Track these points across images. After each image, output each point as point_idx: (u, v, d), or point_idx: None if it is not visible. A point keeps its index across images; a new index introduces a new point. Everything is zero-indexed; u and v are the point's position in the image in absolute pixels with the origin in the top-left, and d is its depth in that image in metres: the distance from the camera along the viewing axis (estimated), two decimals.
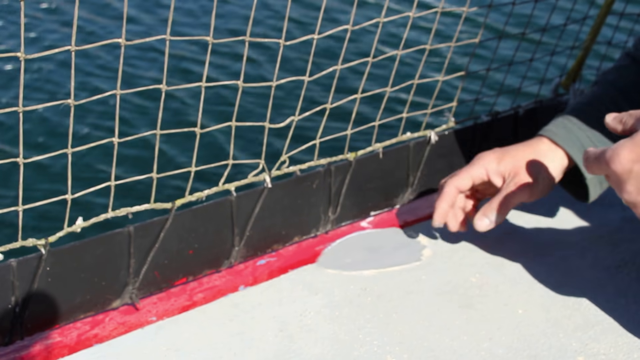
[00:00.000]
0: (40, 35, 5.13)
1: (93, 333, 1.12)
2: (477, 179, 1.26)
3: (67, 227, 1.10)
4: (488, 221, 1.23)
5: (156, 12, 5.56)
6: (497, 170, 1.26)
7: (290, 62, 4.84)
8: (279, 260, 1.29)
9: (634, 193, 0.97)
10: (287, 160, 1.27)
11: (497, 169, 1.26)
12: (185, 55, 4.94)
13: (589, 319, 1.16)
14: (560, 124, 1.29)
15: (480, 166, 1.27)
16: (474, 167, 1.27)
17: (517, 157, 1.26)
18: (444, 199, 1.27)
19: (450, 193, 1.27)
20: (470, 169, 1.27)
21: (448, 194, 1.27)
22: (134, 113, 4.30)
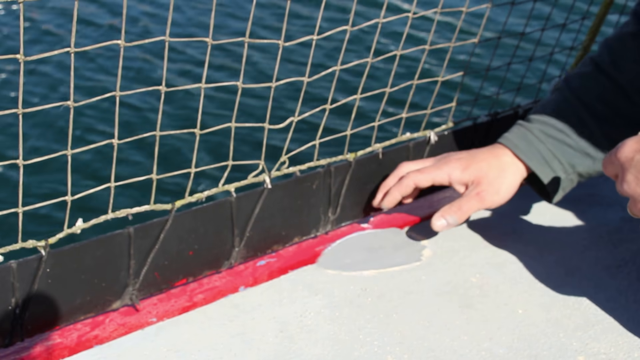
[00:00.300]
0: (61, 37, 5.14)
1: (93, 334, 1.12)
2: (437, 182, 1.32)
3: (67, 228, 1.10)
4: (445, 222, 1.28)
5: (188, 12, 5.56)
6: (461, 179, 1.31)
7: (293, 62, 4.84)
8: (279, 260, 1.29)
9: (632, 183, 0.99)
10: (287, 161, 1.27)
11: (460, 178, 1.31)
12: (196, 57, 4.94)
13: (589, 318, 1.16)
14: (523, 135, 1.33)
15: (444, 172, 1.32)
16: (437, 171, 1.32)
17: (481, 167, 1.31)
18: (400, 189, 1.33)
19: (408, 186, 1.33)
20: (434, 171, 1.32)
21: (405, 186, 1.33)
22: (137, 114, 4.30)
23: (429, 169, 1.33)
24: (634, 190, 0.99)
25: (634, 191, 0.99)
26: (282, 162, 1.27)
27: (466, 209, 1.28)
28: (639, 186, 0.98)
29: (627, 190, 1.00)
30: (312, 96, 4.39)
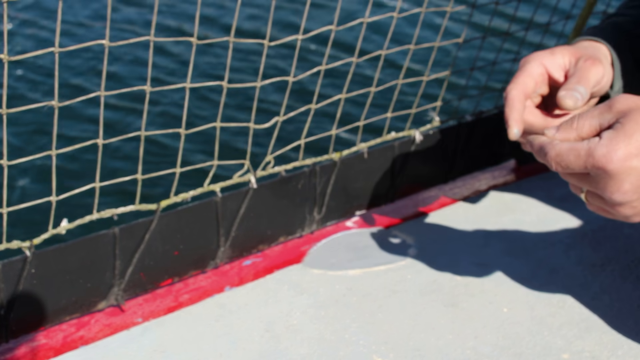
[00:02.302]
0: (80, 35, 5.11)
1: (79, 335, 1.12)
2: (537, 75, 1.11)
3: (51, 229, 1.10)
4: (578, 96, 1.06)
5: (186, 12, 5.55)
6: (554, 62, 1.12)
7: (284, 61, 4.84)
8: (264, 260, 1.29)
9: (629, 192, 0.90)
10: (272, 161, 1.27)
11: (553, 60, 1.12)
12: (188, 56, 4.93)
13: (573, 316, 1.17)
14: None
15: (534, 61, 1.12)
16: (529, 66, 1.12)
17: (570, 47, 1.14)
18: (513, 105, 1.09)
19: (518, 98, 1.09)
20: (526, 68, 1.12)
21: (515, 99, 1.09)
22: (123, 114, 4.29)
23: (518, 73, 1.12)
24: (631, 198, 0.90)
25: (631, 198, 0.90)
26: (267, 162, 1.27)
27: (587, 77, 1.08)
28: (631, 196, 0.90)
29: (623, 199, 0.91)
30: (298, 96, 4.39)
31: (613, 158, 0.89)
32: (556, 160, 0.94)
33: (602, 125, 0.93)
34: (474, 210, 1.43)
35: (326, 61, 1.27)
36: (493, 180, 1.54)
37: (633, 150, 0.88)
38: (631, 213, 0.93)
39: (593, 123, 0.94)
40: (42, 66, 4.73)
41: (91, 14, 5.43)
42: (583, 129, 0.94)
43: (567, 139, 0.95)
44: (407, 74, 4.05)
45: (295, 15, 5.50)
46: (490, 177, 1.55)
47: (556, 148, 0.94)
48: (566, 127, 0.96)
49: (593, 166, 0.90)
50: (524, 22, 4.92)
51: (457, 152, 1.50)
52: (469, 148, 1.51)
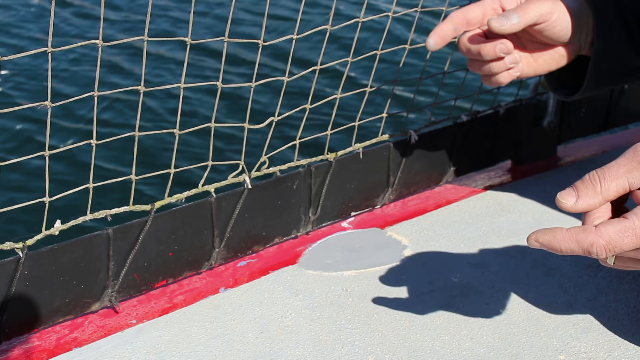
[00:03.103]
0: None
1: (72, 337, 1.11)
2: (488, 8, 1.11)
3: (45, 230, 1.09)
4: (506, 20, 1.06)
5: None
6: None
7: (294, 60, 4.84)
8: (259, 261, 1.29)
9: None
10: (267, 161, 1.27)
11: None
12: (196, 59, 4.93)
13: (569, 317, 1.17)
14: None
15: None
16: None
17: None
18: (446, 20, 1.09)
19: (455, 17, 1.09)
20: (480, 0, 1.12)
21: (451, 17, 1.09)
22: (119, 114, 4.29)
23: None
24: None
25: None
26: (262, 162, 1.26)
27: (528, 8, 1.07)
28: None
29: None
30: (293, 96, 4.38)
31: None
32: (608, 248, 0.81)
33: (633, 185, 0.84)
34: (469, 211, 1.43)
35: (321, 61, 1.27)
36: (489, 181, 1.53)
37: None
38: None
39: (620, 184, 0.84)
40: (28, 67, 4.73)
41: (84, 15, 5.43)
42: (609, 192, 0.85)
43: (592, 206, 0.85)
44: (403, 74, 4.05)
45: (291, 16, 5.50)
46: (486, 178, 1.54)
47: (604, 236, 0.82)
48: (587, 191, 0.87)
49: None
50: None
51: (452, 152, 1.50)
52: (464, 148, 1.51)
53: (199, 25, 5.35)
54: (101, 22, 1.03)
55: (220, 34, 4.85)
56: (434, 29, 1.09)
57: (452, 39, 1.11)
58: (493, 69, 1.12)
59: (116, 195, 3.50)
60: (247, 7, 5.61)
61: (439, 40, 1.09)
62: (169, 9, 5.56)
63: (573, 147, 1.69)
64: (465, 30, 1.11)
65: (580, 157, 1.64)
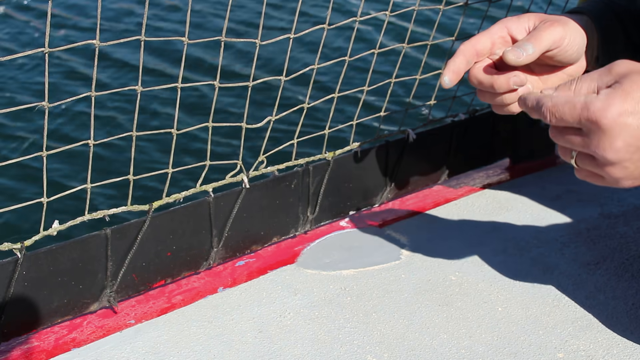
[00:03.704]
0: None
1: (71, 337, 1.11)
2: (496, 37, 1.10)
3: (43, 230, 1.09)
4: (522, 52, 1.06)
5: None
6: (519, 24, 1.10)
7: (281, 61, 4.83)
8: (258, 261, 1.28)
9: (622, 150, 0.89)
10: (265, 161, 1.26)
11: (518, 23, 1.10)
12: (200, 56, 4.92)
13: (568, 315, 1.17)
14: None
15: (499, 24, 1.11)
16: (492, 27, 1.11)
17: (539, 13, 1.12)
18: (457, 54, 1.09)
19: (465, 50, 1.09)
20: (488, 29, 1.11)
21: (462, 51, 1.09)
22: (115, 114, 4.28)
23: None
24: (623, 157, 0.89)
25: (623, 157, 0.89)
26: (260, 162, 1.26)
27: (541, 37, 1.07)
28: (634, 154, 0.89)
29: (613, 157, 0.89)
30: (291, 96, 4.38)
31: (607, 112, 0.88)
32: (551, 111, 0.93)
33: (600, 87, 0.93)
34: (468, 209, 1.43)
35: (318, 60, 1.27)
36: (487, 179, 1.53)
37: (629, 107, 0.88)
38: (622, 175, 0.91)
39: (591, 85, 0.94)
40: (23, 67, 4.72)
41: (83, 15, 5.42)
42: (581, 90, 0.94)
43: None
44: (400, 72, 4.05)
45: (288, 17, 5.50)
46: (484, 176, 1.54)
47: (553, 99, 0.94)
48: (564, 88, 0.96)
49: (587, 119, 0.90)
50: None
51: (451, 151, 1.50)
52: (463, 147, 1.51)
53: (198, 25, 5.35)
54: (98, 22, 1.03)
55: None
56: (446, 65, 1.09)
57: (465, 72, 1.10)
58: (505, 100, 1.10)
59: (114, 196, 3.51)
60: (244, 8, 5.61)
61: (453, 76, 1.09)
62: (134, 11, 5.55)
63: None
64: (475, 61, 1.11)
65: None
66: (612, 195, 1.48)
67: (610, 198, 1.46)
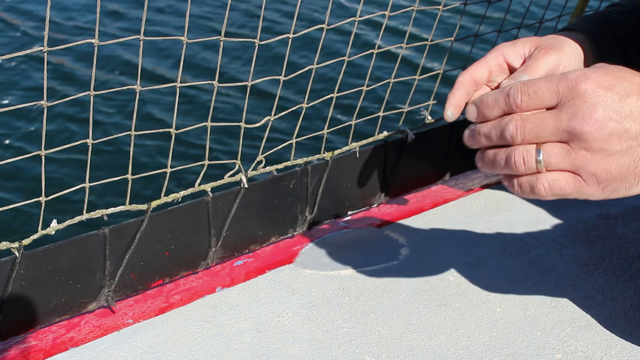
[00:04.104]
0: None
1: (69, 336, 1.11)
2: (493, 65, 1.11)
3: (41, 229, 1.09)
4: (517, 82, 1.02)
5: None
6: (514, 51, 1.11)
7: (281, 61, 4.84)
8: (256, 260, 1.28)
9: (601, 122, 0.84)
10: (264, 160, 1.26)
11: (513, 50, 1.11)
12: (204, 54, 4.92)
13: (566, 316, 1.17)
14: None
15: (495, 51, 1.12)
16: (488, 55, 1.12)
17: (533, 38, 1.13)
18: (456, 87, 1.10)
19: (464, 81, 1.10)
20: (484, 57, 1.12)
21: (460, 83, 1.10)
22: (111, 114, 4.28)
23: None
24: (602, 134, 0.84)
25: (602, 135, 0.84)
26: (258, 162, 1.26)
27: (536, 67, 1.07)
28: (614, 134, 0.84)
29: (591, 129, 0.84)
30: (290, 95, 4.38)
31: (587, 79, 0.85)
32: (523, 88, 0.89)
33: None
34: (466, 210, 1.43)
35: (317, 60, 1.27)
36: (486, 179, 1.53)
37: (610, 80, 0.85)
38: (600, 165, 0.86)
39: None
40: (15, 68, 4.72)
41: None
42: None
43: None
44: (399, 72, 4.05)
45: (286, 16, 5.50)
46: (483, 176, 1.54)
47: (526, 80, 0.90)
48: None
49: (565, 86, 0.86)
50: (517, 16, 4.92)
51: (449, 151, 1.50)
52: (461, 147, 1.51)
53: (197, 24, 5.35)
54: (97, 22, 1.03)
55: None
56: (447, 99, 1.09)
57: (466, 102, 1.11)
58: None
59: (112, 195, 3.51)
60: (243, 9, 5.61)
61: (456, 110, 1.09)
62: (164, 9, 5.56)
63: None
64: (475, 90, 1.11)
65: None
66: None
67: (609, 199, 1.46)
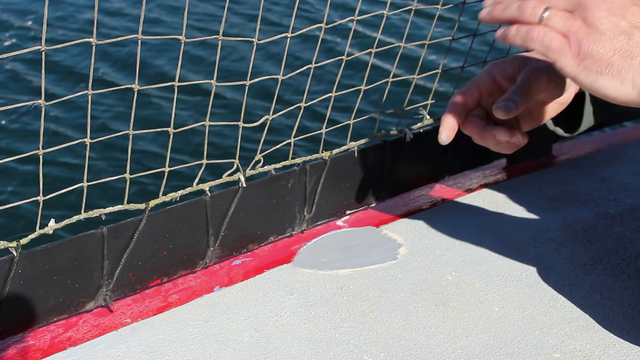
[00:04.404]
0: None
1: (66, 336, 1.11)
2: (483, 85, 1.12)
3: (39, 228, 1.09)
4: (512, 105, 1.05)
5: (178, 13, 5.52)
6: (504, 71, 1.12)
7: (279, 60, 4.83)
8: (254, 260, 1.28)
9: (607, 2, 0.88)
10: (262, 160, 1.26)
11: (503, 70, 1.12)
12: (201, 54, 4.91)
13: (564, 315, 1.16)
14: None
15: (484, 73, 1.13)
16: (478, 76, 1.13)
17: (523, 56, 1.12)
18: (448, 113, 1.10)
19: (456, 105, 1.10)
20: (474, 79, 1.13)
21: (453, 106, 1.10)
22: (109, 113, 4.28)
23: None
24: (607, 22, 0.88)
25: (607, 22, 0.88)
26: (257, 161, 1.26)
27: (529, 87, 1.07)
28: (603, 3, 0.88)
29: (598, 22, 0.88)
30: (288, 95, 4.38)
31: None
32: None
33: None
34: (465, 209, 1.43)
35: (315, 59, 1.26)
36: (484, 179, 1.53)
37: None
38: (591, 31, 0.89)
39: None
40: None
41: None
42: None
43: None
44: (398, 72, 4.05)
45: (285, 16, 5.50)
46: (481, 176, 1.54)
47: None
48: None
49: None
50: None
51: (448, 151, 1.50)
52: (460, 146, 1.51)
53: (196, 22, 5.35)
54: (95, 22, 1.03)
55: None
56: (441, 123, 1.10)
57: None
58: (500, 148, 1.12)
59: (110, 195, 3.50)
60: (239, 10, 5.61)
61: (450, 133, 1.10)
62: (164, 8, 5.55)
63: (568, 145, 1.69)
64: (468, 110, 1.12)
65: (575, 156, 1.64)
66: (608, 195, 1.48)
67: (607, 198, 1.46)
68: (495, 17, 0.98)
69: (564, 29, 0.91)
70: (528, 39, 0.93)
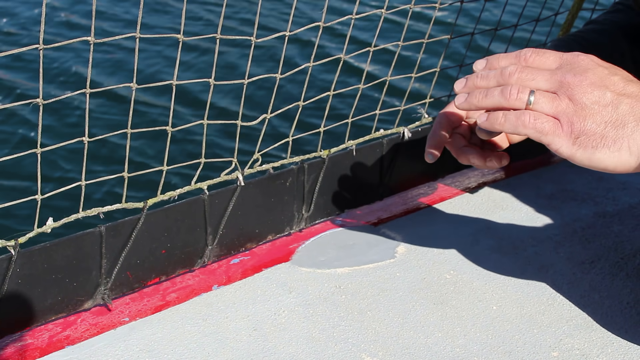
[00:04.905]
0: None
1: (65, 335, 1.11)
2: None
3: (37, 227, 1.09)
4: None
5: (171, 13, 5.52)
6: None
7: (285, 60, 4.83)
8: (252, 259, 1.28)
9: (590, 76, 0.91)
10: (260, 158, 1.26)
11: None
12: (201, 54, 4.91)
13: (563, 314, 1.17)
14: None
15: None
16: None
17: None
18: (434, 131, 1.12)
19: (442, 122, 1.11)
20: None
21: (439, 123, 1.12)
22: (107, 113, 4.27)
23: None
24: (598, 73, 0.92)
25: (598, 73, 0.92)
26: (255, 159, 1.26)
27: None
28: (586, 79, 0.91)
29: (568, 77, 0.92)
30: (286, 93, 4.38)
31: (590, 55, 0.93)
32: (534, 49, 0.97)
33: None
34: (463, 208, 1.43)
35: (313, 58, 1.26)
36: (482, 178, 1.53)
37: (603, 62, 0.94)
38: (579, 108, 0.91)
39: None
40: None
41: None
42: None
43: None
44: (396, 70, 4.05)
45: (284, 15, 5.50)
46: (479, 175, 1.54)
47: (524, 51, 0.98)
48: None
49: (569, 55, 0.94)
50: (514, 15, 4.93)
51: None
52: None
53: (194, 22, 5.35)
54: (93, 21, 1.03)
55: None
56: (428, 141, 1.11)
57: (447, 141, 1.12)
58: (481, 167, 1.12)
59: (109, 193, 3.50)
60: (237, 9, 5.61)
61: (436, 151, 1.11)
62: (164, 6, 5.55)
63: None
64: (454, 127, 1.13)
65: None
66: (607, 194, 1.48)
67: (605, 197, 1.47)
68: (476, 105, 0.98)
69: (552, 110, 0.92)
70: (519, 125, 0.93)
